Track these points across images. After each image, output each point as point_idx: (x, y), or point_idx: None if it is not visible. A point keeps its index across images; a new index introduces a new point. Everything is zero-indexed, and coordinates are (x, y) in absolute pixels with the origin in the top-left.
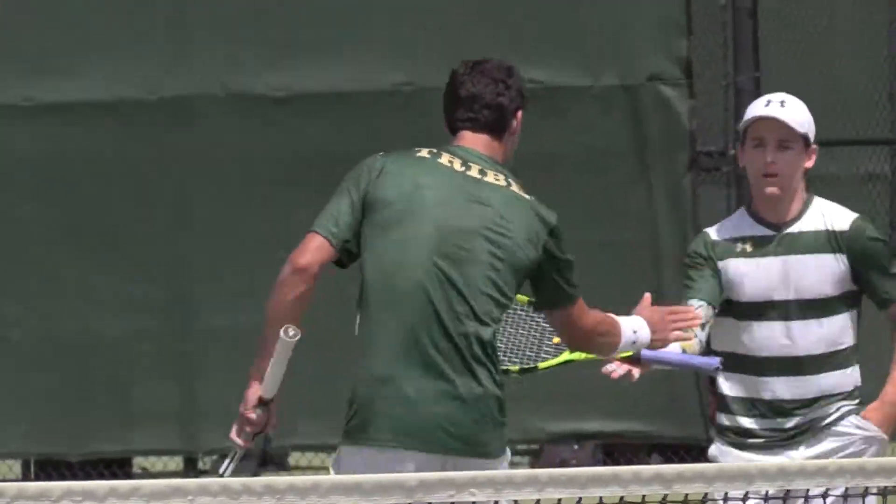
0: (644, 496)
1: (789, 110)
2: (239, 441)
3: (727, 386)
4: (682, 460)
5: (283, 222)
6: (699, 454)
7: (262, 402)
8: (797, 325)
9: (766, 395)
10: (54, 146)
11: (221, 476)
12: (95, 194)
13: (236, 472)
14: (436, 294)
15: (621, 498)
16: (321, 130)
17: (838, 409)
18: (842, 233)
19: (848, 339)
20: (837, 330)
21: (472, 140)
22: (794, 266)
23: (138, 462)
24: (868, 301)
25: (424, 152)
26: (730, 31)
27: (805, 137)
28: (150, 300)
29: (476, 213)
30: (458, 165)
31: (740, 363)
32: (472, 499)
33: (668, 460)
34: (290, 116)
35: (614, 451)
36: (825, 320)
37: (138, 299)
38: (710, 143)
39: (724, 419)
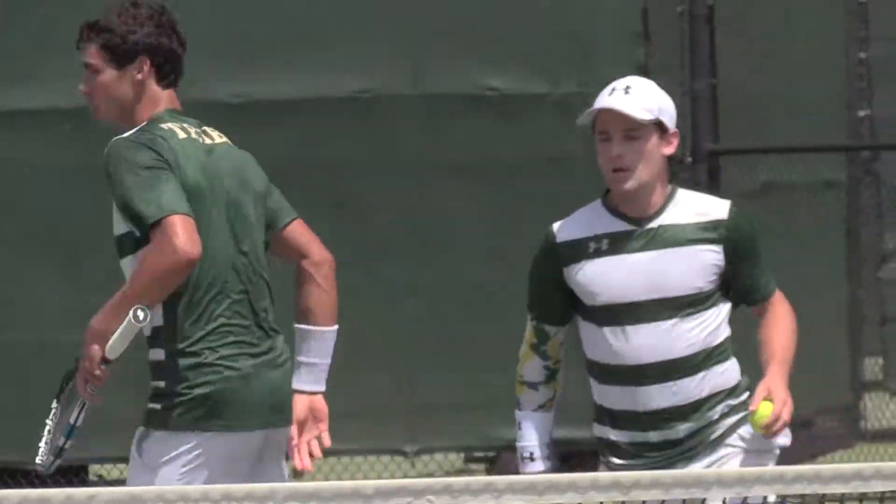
0: (601, 503)
1: (634, 97)
2: (87, 396)
3: (604, 398)
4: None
5: None
6: None
7: (106, 361)
8: (669, 326)
9: (646, 406)
10: (11, 153)
11: (71, 427)
12: (52, 202)
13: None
14: (246, 273)
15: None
16: (280, 138)
17: (724, 417)
18: (719, 221)
19: (724, 333)
20: (713, 325)
21: (173, 100)
22: (660, 262)
23: (94, 469)
24: None
25: (177, 128)
26: (687, 39)
27: (658, 123)
28: None
29: (237, 179)
30: (194, 135)
31: (612, 373)
32: None
33: None
34: (249, 124)
35: (571, 458)
36: (699, 316)
37: (95, 308)
38: None
39: (607, 433)
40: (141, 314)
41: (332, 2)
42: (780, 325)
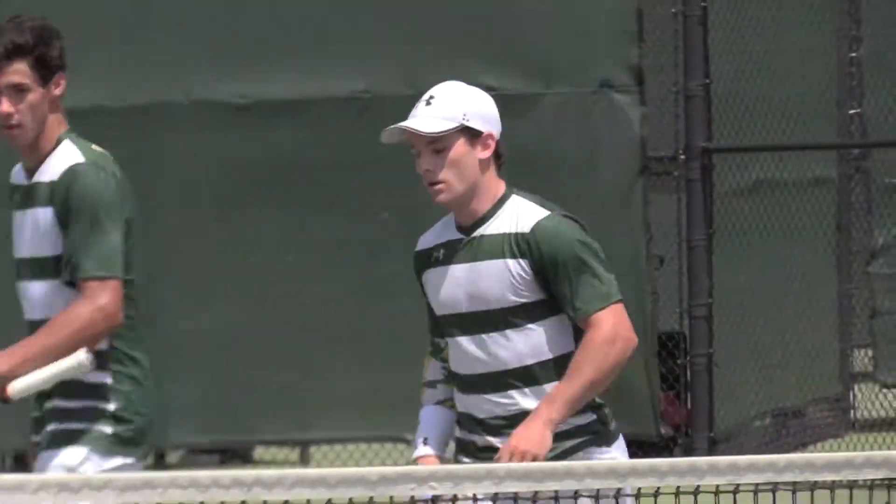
0: (598, 489)
1: (434, 108)
2: None
3: (457, 402)
4: (633, 456)
5: (244, 227)
6: (650, 449)
7: (4, 401)
8: (488, 338)
9: (479, 414)
10: (11, 153)
11: None
12: None
13: None
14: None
15: (576, 492)
16: (281, 137)
17: (567, 437)
18: (523, 235)
19: (557, 349)
20: (543, 338)
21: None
22: (476, 274)
23: None
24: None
25: (104, 150)
26: (680, 39)
27: (466, 129)
28: None
29: None
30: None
31: (456, 380)
32: (433, 492)
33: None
34: (252, 123)
35: None
36: (524, 329)
37: None
38: (661, 148)
39: (460, 433)
40: (88, 358)
41: (331, 3)
42: (579, 356)
